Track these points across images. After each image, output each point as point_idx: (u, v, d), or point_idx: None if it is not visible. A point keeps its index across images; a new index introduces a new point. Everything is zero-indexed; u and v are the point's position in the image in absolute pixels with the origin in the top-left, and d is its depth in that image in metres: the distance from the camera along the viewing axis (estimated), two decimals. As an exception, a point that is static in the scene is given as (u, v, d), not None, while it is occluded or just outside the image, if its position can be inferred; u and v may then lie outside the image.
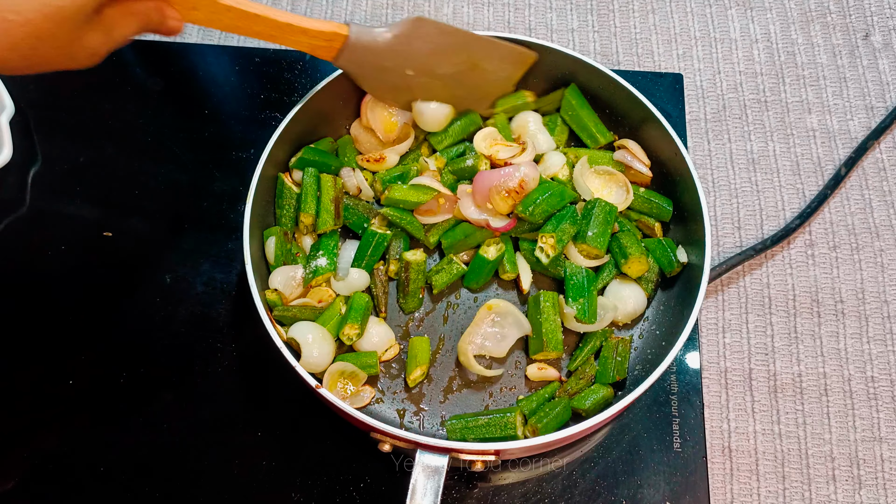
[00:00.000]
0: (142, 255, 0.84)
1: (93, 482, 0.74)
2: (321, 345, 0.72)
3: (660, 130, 0.78)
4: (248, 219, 0.72)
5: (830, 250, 0.88)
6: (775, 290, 0.86)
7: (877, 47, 1.00)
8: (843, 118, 0.96)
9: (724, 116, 0.96)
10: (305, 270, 0.76)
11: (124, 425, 0.76)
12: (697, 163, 0.93)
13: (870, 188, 0.92)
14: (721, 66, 0.99)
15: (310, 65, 0.96)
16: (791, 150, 0.94)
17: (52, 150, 0.90)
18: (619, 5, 1.03)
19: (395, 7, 1.03)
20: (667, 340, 0.73)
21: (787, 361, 0.83)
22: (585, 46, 1.00)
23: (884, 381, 0.82)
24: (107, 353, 0.79)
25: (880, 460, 0.78)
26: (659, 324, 0.77)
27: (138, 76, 0.95)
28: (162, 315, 0.81)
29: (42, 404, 0.77)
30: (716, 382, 0.81)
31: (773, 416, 0.80)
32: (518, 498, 0.74)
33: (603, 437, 0.77)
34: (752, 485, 0.77)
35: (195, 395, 0.78)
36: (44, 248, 0.84)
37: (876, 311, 0.85)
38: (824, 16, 1.03)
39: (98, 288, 0.83)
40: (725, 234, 0.89)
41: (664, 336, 0.75)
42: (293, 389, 0.78)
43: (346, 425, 0.74)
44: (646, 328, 0.78)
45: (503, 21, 1.02)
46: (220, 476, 0.74)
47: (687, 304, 0.72)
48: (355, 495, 0.74)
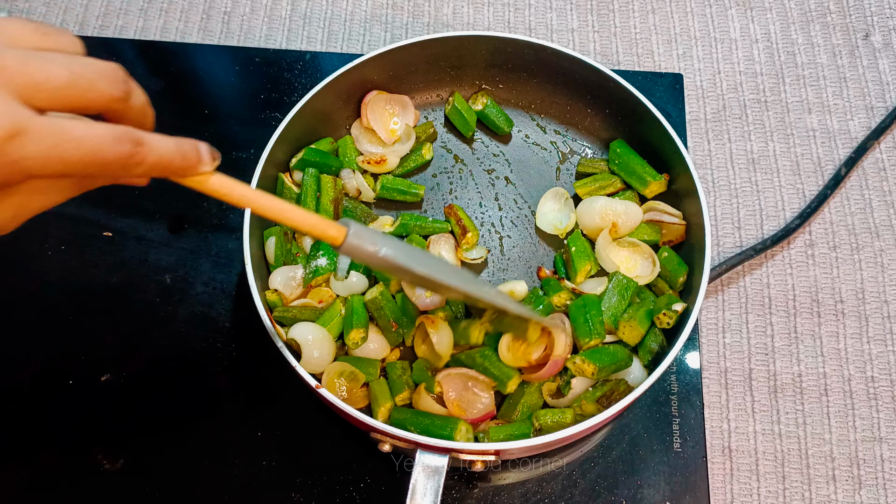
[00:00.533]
0: (142, 255, 0.84)
1: (93, 482, 0.74)
2: (321, 346, 0.72)
3: (660, 130, 0.78)
4: (248, 219, 0.72)
5: (830, 250, 0.88)
6: (775, 290, 0.86)
7: (877, 47, 1.00)
8: (843, 118, 0.96)
9: (724, 116, 0.96)
10: (305, 270, 0.76)
11: (124, 425, 0.76)
12: (697, 163, 0.93)
13: (870, 188, 0.92)
14: (721, 66, 0.99)
15: (310, 65, 0.96)
16: (791, 150, 0.94)
17: (52, 150, 0.90)
18: (619, 5, 1.03)
19: (394, 7, 1.03)
20: (667, 340, 0.73)
21: (787, 361, 0.83)
22: (585, 46, 1.00)
23: (884, 381, 0.82)
24: (107, 354, 0.79)
25: (880, 460, 0.78)
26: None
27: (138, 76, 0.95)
28: (162, 315, 0.81)
29: (42, 404, 0.77)
30: (716, 382, 0.81)
31: (773, 416, 0.80)
32: (518, 498, 0.74)
33: (603, 437, 0.77)
34: (752, 485, 0.77)
35: (195, 395, 0.78)
36: (44, 248, 0.84)
37: (876, 311, 0.85)
38: (824, 16, 1.03)
39: (98, 288, 0.83)
40: (725, 234, 0.89)
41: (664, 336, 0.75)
42: (293, 389, 0.78)
43: (346, 425, 0.74)
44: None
45: (503, 21, 1.02)
46: (220, 476, 0.74)
47: (687, 303, 0.72)
48: (355, 495, 0.74)
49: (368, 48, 1.00)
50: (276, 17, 1.02)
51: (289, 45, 0.99)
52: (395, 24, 1.02)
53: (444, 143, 0.88)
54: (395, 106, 0.86)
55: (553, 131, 0.89)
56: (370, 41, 1.00)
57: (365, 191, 0.82)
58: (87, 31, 1.00)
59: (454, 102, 0.87)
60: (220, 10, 1.02)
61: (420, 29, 1.01)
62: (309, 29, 1.01)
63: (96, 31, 1.00)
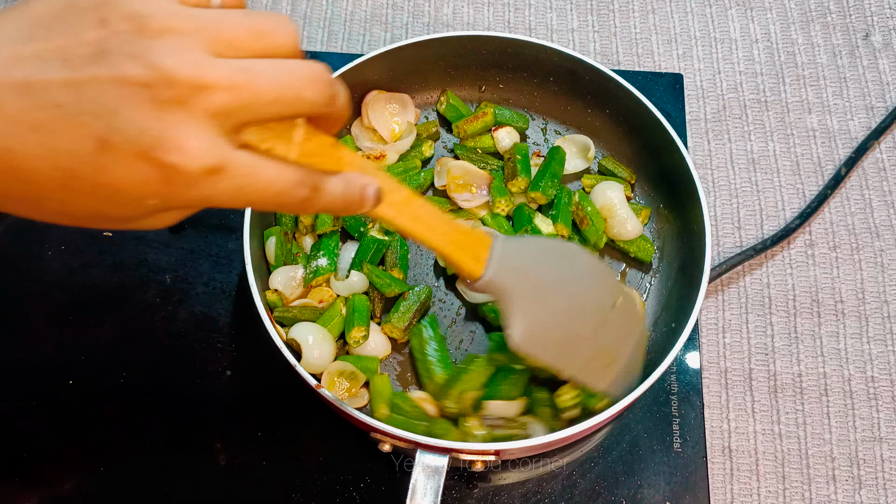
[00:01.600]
0: (142, 255, 0.84)
1: (92, 482, 0.74)
2: (322, 346, 0.72)
3: (660, 130, 0.78)
4: (248, 219, 0.72)
5: (830, 250, 0.88)
6: (775, 290, 0.86)
7: (877, 47, 1.00)
8: (843, 118, 0.96)
9: (724, 116, 0.96)
10: (306, 270, 0.76)
11: (124, 425, 0.76)
12: (697, 163, 0.93)
13: (870, 188, 0.92)
14: (721, 66, 0.99)
15: (310, 65, 0.96)
16: (791, 150, 0.94)
17: (52, 150, 0.90)
18: (619, 5, 1.03)
19: (395, 7, 1.03)
20: (667, 340, 0.73)
21: (787, 361, 0.83)
22: (585, 46, 1.00)
23: (884, 381, 0.82)
24: (106, 354, 0.79)
25: (880, 460, 0.78)
26: (659, 324, 0.78)
27: (138, 76, 0.95)
28: (162, 315, 0.81)
29: (41, 405, 0.77)
30: (716, 382, 0.81)
31: (773, 416, 0.80)
32: (518, 498, 0.74)
33: (603, 437, 0.77)
34: (752, 485, 0.77)
35: (195, 395, 0.78)
36: (44, 248, 0.84)
37: (876, 311, 0.85)
38: (824, 16, 1.03)
39: (98, 288, 0.83)
40: (725, 234, 0.89)
41: (664, 336, 0.75)
42: (293, 389, 0.77)
43: (346, 425, 0.74)
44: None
45: (503, 21, 1.02)
46: (221, 476, 0.74)
47: (687, 304, 0.72)
48: (355, 495, 0.74)
49: (368, 48, 1.00)
50: (276, 17, 1.02)
51: (289, 45, 0.99)
52: (395, 24, 1.02)
53: (445, 143, 0.88)
54: (395, 104, 0.86)
55: (553, 131, 0.89)
56: (370, 41, 1.00)
57: None
58: (87, 31, 1.00)
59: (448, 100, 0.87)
60: (220, 10, 1.02)
61: (420, 29, 1.01)
62: (309, 29, 1.01)
63: (96, 31, 1.00)
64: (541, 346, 0.61)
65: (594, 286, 0.65)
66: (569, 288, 0.62)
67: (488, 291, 0.58)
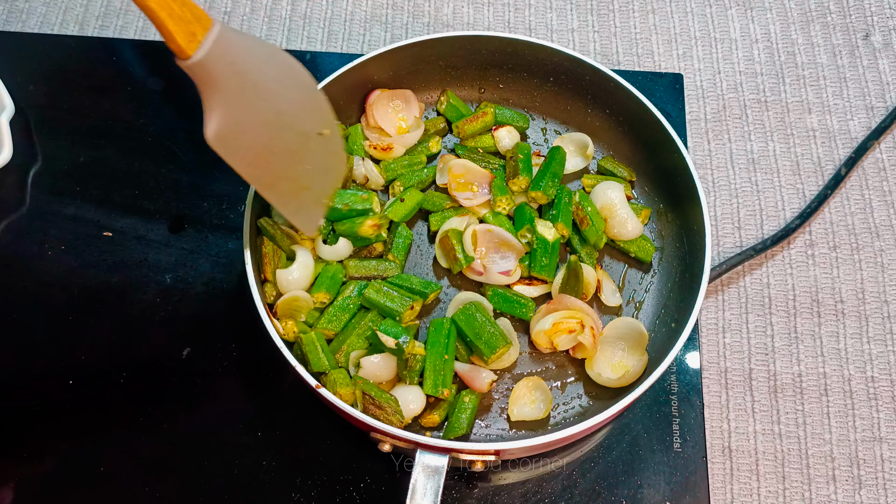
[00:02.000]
0: (142, 255, 0.84)
1: (92, 482, 0.74)
2: (302, 270, 0.75)
3: (660, 130, 0.78)
4: (248, 219, 0.73)
5: (830, 250, 0.88)
6: (775, 290, 0.86)
7: (877, 47, 1.00)
8: (843, 118, 0.96)
9: (724, 116, 0.96)
10: None
11: (124, 425, 0.76)
12: (697, 163, 0.93)
13: (870, 188, 0.92)
14: (721, 66, 0.99)
15: (310, 65, 0.96)
16: (791, 150, 0.94)
17: (52, 150, 0.90)
18: (619, 5, 1.03)
19: (395, 7, 1.03)
20: (667, 340, 0.73)
21: (787, 361, 0.83)
22: (585, 46, 1.00)
23: (884, 381, 0.82)
24: (107, 353, 0.79)
25: (880, 460, 0.78)
26: (659, 324, 0.77)
27: (138, 76, 0.95)
28: (162, 315, 0.81)
29: (41, 404, 0.77)
30: (716, 382, 0.81)
31: (773, 416, 0.80)
32: (518, 498, 0.74)
33: (603, 437, 0.77)
34: (752, 485, 0.77)
35: (195, 395, 0.78)
36: (44, 248, 0.84)
37: (876, 311, 0.85)
38: (824, 16, 1.03)
39: (98, 288, 0.83)
40: (725, 234, 0.89)
41: (664, 336, 0.75)
42: (293, 389, 0.78)
43: (346, 425, 0.74)
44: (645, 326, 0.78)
45: (503, 21, 1.02)
46: (220, 476, 0.74)
47: (687, 304, 0.72)
48: (355, 495, 0.74)
49: (368, 48, 1.00)
50: (276, 17, 1.02)
51: (289, 45, 0.99)
52: (395, 24, 1.02)
53: (445, 144, 0.88)
54: (398, 101, 0.86)
55: (553, 131, 0.89)
56: (370, 41, 1.00)
57: (374, 177, 0.82)
58: (87, 31, 1.00)
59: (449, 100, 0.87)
60: (220, 10, 1.02)
61: (420, 29, 1.01)
62: (309, 29, 1.01)
63: (96, 31, 1.00)
64: (234, 148, 0.59)
65: (306, 109, 0.64)
66: (280, 102, 0.60)
67: (194, 76, 0.54)
